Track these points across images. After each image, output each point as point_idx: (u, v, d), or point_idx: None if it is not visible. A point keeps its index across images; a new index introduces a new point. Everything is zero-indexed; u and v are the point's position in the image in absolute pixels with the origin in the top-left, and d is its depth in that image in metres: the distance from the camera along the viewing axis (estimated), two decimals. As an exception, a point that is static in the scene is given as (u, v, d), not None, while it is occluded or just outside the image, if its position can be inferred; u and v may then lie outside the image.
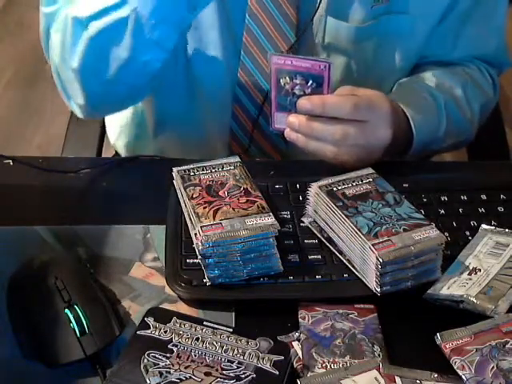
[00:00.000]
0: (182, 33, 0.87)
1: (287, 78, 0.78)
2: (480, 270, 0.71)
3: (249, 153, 0.99)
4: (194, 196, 0.74)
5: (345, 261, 0.73)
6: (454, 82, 0.99)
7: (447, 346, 0.64)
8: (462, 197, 0.82)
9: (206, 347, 0.63)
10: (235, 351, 0.63)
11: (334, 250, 0.74)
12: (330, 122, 0.81)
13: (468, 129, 1.00)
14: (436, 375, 0.62)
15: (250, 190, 0.75)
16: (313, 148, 0.83)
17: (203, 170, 0.78)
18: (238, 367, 0.61)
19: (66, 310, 0.66)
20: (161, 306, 0.71)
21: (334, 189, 0.75)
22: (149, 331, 0.64)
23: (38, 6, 1.00)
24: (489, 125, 1.06)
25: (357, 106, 0.80)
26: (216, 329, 0.65)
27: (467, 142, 1.04)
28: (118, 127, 1.14)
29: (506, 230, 0.76)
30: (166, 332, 0.64)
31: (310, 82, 0.77)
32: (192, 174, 0.78)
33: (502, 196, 0.83)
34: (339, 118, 0.81)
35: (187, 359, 0.62)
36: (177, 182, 0.78)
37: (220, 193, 0.74)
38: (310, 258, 0.74)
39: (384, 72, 1.00)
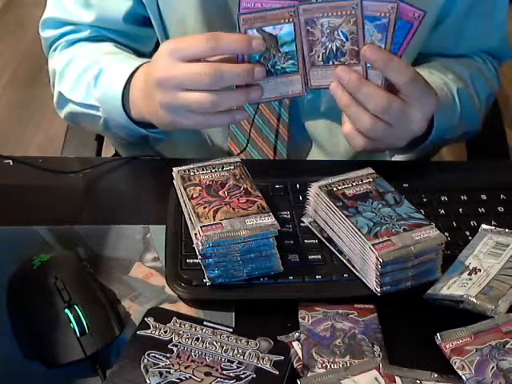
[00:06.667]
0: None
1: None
2: (480, 270, 0.71)
3: (246, 152, 0.99)
4: (194, 196, 0.74)
5: (345, 261, 0.73)
6: (462, 71, 0.99)
7: (447, 346, 0.64)
8: (461, 197, 0.82)
9: (205, 347, 0.63)
10: (235, 351, 0.63)
11: (333, 250, 0.74)
12: (378, 89, 0.78)
13: (476, 118, 1.00)
14: (436, 375, 0.62)
15: (249, 189, 0.75)
16: (351, 113, 0.79)
17: (203, 169, 0.78)
18: (238, 367, 0.61)
19: (66, 310, 0.66)
20: (161, 306, 0.71)
21: (334, 189, 0.75)
22: (149, 331, 0.64)
23: (37, 5, 1.00)
24: (489, 124, 1.06)
25: (415, 80, 0.78)
26: (216, 329, 0.65)
27: (474, 133, 1.03)
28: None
29: (506, 230, 0.76)
30: (166, 332, 0.64)
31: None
32: (192, 173, 0.78)
33: (501, 196, 0.83)
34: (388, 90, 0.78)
35: (187, 359, 0.62)
36: (177, 182, 0.78)
37: (220, 193, 0.74)
38: (309, 258, 0.74)
39: None
